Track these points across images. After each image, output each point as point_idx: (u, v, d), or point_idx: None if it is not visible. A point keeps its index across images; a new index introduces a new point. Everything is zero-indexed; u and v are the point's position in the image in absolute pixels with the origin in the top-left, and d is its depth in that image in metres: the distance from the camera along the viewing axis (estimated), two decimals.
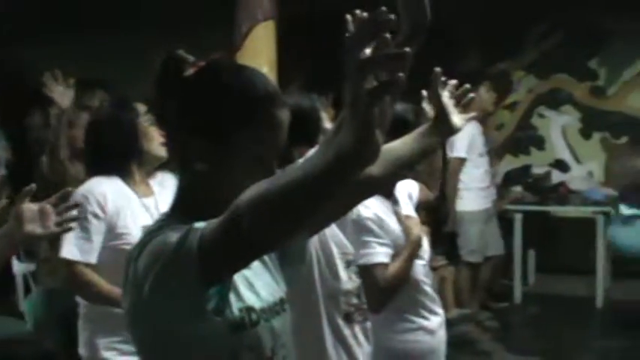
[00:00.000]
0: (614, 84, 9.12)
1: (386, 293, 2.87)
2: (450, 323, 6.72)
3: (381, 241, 2.94)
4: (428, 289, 3.12)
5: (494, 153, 8.62)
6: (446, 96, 2.24)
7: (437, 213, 7.22)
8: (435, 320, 3.14)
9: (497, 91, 8.69)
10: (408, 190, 3.32)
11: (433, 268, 6.56)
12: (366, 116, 1.33)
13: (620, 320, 7.53)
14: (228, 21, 6.35)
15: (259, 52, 6.17)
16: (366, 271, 2.72)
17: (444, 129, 2.21)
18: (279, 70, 6.24)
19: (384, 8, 1.32)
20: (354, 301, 2.58)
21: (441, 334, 3.17)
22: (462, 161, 7.14)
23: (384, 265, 2.91)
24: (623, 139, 9.08)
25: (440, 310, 3.21)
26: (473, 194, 7.21)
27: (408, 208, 3.19)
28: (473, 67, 8.81)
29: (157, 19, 8.39)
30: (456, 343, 6.80)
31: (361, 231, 2.89)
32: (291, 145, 2.13)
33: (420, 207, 3.46)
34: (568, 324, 7.40)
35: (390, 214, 3.03)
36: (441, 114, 2.21)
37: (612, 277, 8.38)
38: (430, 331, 3.09)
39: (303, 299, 2.44)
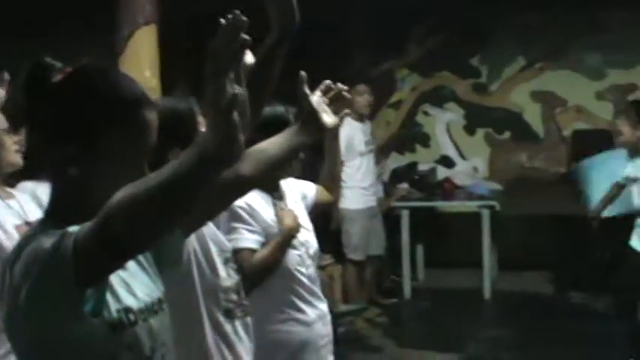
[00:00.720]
0: (496, 81, 9.37)
1: (251, 279, 2.87)
2: (339, 320, 6.88)
3: (250, 228, 3.00)
4: (305, 280, 3.13)
5: (380, 151, 8.81)
6: (316, 96, 2.31)
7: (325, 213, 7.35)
8: (312, 313, 3.15)
9: (382, 89, 8.89)
10: (302, 190, 3.38)
11: (321, 267, 6.68)
12: (225, 118, 1.42)
13: (508, 310, 7.78)
14: (109, 25, 6.32)
15: (141, 56, 6.14)
16: (233, 256, 2.75)
17: (313, 128, 2.27)
18: (162, 74, 6.23)
19: (237, 11, 1.41)
20: (234, 297, 2.60)
21: (319, 328, 3.19)
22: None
23: (251, 251, 2.96)
24: (506, 135, 9.35)
25: (320, 304, 3.22)
26: (355, 193, 7.31)
27: (296, 206, 3.24)
28: (357, 67, 8.95)
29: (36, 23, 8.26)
30: (347, 339, 6.96)
31: (232, 218, 2.96)
32: (166, 147, 2.18)
33: (318, 209, 3.51)
34: (457, 316, 7.56)
35: (265, 206, 3.09)
36: (310, 114, 2.27)
37: (499, 268, 8.63)
38: (305, 323, 3.11)
39: (184, 297, 2.45)
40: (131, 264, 1.78)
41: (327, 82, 2.37)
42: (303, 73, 2.30)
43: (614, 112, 8.86)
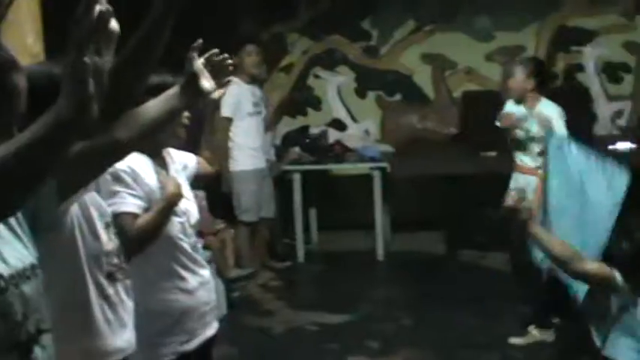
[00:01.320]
0: (386, 44, 9.44)
1: (133, 243, 2.87)
2: (232, 285, 6.91)
3: (132, 192, 2.98)
4: (187, 248, 3.14)
5: (272, 115, 8.82)
6: (199, 62, 2.38)
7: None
8: (194, 280, 3.17)
9: (272, 53, 8.88)
10: (183, 161, 3.39)
11: (213, 233, 6.69)
12: (79, 86, 1.45)
13: (401, 270, 7.92)
14: None
15: (23, 22, 5.99)
16: (115, 220, 2.75)
17: (191, 91, 2.34)
18: (46, 40, 6.11)
19: None
20: (115, 260, 2.63)
21: (201, 295, 3.21)
22: (228, 121, 7.27)
23: (133, 215, 2.94)
24: (397, 97, 9.45)
25: (202, 271, 3.24)
26: (244, 154, 7.33)
27: (177, 176, 3.23)
28: (247, 31, 8.90)
29: None
30: (240, 303, 6.99)
31: (114, 181, 2.94)
32: (41, 112, 2.14)
33: (199, 180, 3.53)
34: (351, 278, 7.67)
35: (149, 171, 3.08)
36: (191, 77, 2.34)
37: (392, 230, 8.76)
38: (187, 291, 3.13)
39: (69, 262, 2.49)
40: (2, 230, 1.77)
41: (215, 50, 2.47)
42: (199, 41, 2.40)
43: (502, 73, 9.12)
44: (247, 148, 7.37)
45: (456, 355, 5.74)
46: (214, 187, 7.32)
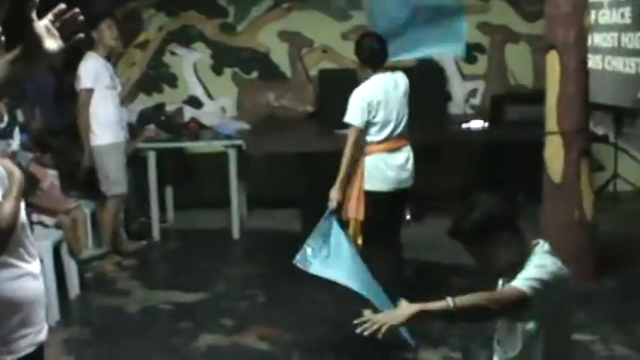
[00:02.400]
0: (243, 21, 9.50)
1: (6, 233, 2.74)
2: (85, 265, 6.92)
3: None
4: (29, 232, 3.02)
5: (127, 92, 8.83)
6: (44, 21, 2.31)
7: (64, 156, 7.31)
8: (36, 264, 3.02)
9: (128, 29, 8.84)
10: None
11: (65, 212, 6.67)
12: None
13: (256, 248, 8.04)
14: None
15: None
16: None
17: (33, 54, 2.30)
18: None
19: None
20: None
21: (42, 281, 3.06)
22: (89, 92, 7.27)
23: None
24: (254, 75, 9.55)
25: (35, 257, 3.06)
26: (105, 128, 7.35)
27: None
28: (102, 6, 8.82)
29: None
30: (93, 283, 7.01)
31: None
32: None
33: None
34: (206, 256, 7.78)
35: None
36: (33, 39, 2.28)
37: (248, 208, 8.88)
38: (35, 276, 2.99)
39: None
40: None
41: (61, 6, 2.38)
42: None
43: None
44: (108, 122, 7.39)
45: (310, 332, 5.91)
46: (66, 166, 7.31)
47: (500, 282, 3.20)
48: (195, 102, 9.50)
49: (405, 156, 5.91)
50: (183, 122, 8.98)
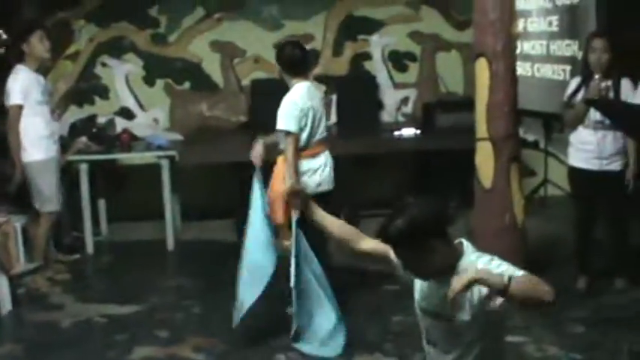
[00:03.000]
0: (175, 31, 9.51)
1: None
2: (17, 281, 6.85)
3: None
4: None
5: (57, 105, 8.77)
6: None
7: None
8: None
9: (58, 40, 8.78)
10: None
11: None
12: None
13: (191, 260, 8.04)
14: None
15: None
16: None
17: None
18: None
19: None
20: None
21: None
22: (19, 108, 7.21)
23: None
24: (186, 85, 9.55)
25: None
26: (38, 144, 7.30)
27: None
28: (31, 16, 8.75)
29: None
30: (26, 299, 6.94)
31: None
32: None
33: None
34: (141, 269, 7.75)
35: None
36: None
37: (182, 219, 8.88)
38: None
39: None
40: None
41: None
42: None
43: None
44: (39, 138, 7.33)
45: (246, 341, 5.92)
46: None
47: (418, 285, 3.24)
48: (127, 113, 9.46)
49: (323, 159, 6.10)
50: (116, 134, 8.92)
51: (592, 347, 5.59)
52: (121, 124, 9.29)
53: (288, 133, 5.89)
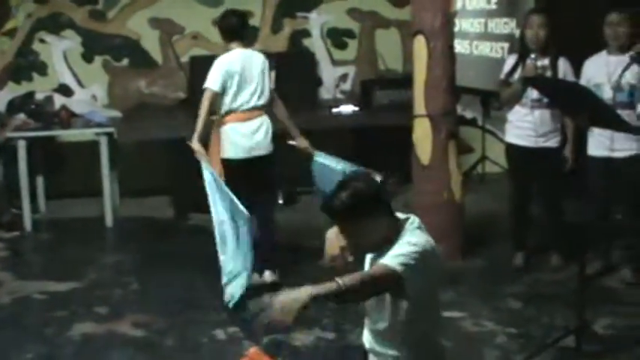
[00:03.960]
0: (113, 8, 9.37)
1: None
2: None
3: None
4: None
5: None
6: None
7: None
8: None
9: None
10: None
11: None
12: None
13: (129, 236, 7.98)
14: None
15: None
16: None
17: None
18: None
19: None
20: None
21: None
22: None
23: None
24: (125, 62, 9.43)
25: None
26: None
27: None
28: None
29: None
30: None
31: None
32: None
33: None
34: (79, 245, 7.66)
35: None
36: None
37: (120, 196, 8.80)
38: None
39: None
40: None
41: None
42: None
43: None
44: None
45: (183, 316, 5.91)
46: None
47: (368, 259, 3.26)
48: (65, 90, 9.31)
49: (257, 124, 6.30)
50: (54, 111, 8.78)
51: (528, 322, 5.65)
52: (59, 100, 9.13)
53: (205, 89, 6.23)
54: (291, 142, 6.36)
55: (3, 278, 6.89)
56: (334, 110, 8.71)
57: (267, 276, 6.33)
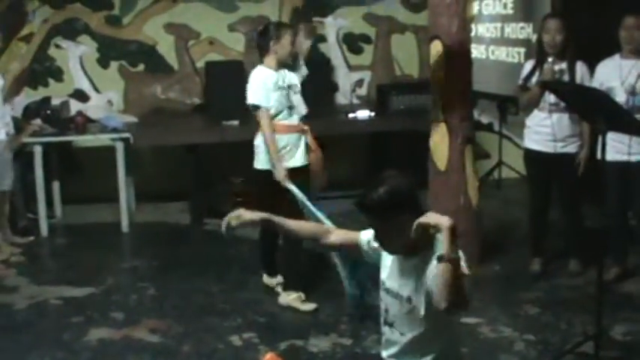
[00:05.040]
0: (129, 13, 9.40)
1: None
2: None
3: None
4: None
5: (11, 86, 8.64)
6: None
7: None
8: None
9: (11, 22, 8.67)
10: None
11: None
12: None
13: (145, 241, 7.98)
14: None
15: None
16: None
17: None
18: None
19: None
20: None
21: None
22: None
23: None
24: (140, 67, 9.45)
25: None
26: None
27: None
28: None
29: None
30: None
31: None
32: None
33: None
34: (96, 251, 7.66)
35: None
36: None
37: (136, 201, 8.82)
38: None
39: None
40: None
41: None
42: None
43: (245, 43, 9.34)
44: None
45: (199, 322, 5.89)
46: None
47: (391, 260, 3.22)
48: (81, 95, 9.35)
49: None
50: (70, 116, 8.80)
51: (546, 329, 5.62)
52: (75, 106, 9.16)
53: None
54: None
55: (19, 283, 6.90)
56: (350, 115, 8.70)
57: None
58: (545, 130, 6.31)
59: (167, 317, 6.01)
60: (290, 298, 6.10)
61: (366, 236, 3.34)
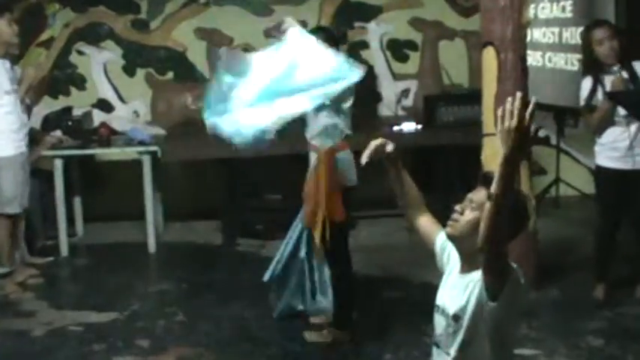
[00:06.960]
0: (157, 17, 9.46)
1: None
2: None
3: None
4: None
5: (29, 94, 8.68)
6: None
7: None
8: None
9: (29, 25, 8.73)
10: None
11: None
12: None
13: (174, 263, 8.01)
14: None
15: None
16: None
17: None
18: None
19: None
20: None
21: None
22: None
23: None
24: (169, 75, 9.51)
25: None
26: (5, 138, 7.17)
27: None
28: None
29: None
30: None
31: None
32: None
33: None
34: (120, 273, 7.69)
35: None
36: None
37: (164, 219, 8.85)
38: None
39: None
40: None
41: None
42: None
43: None
44: (7, 131, 7.21)
45: (234, 350, 5.90)
46: None
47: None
48: (105, 105, 9.42)
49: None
50: (93, 127, 8.86)
51: None
52: (98, 116, 9.23)
53: None
54: None
55: (37, 308, 6.93)
56: (395, 128, 8.67)
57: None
58: (623, 144, 6.20)
59: (197, 345, 6.01)
60: (316, 334, 6.05)
61: (442, 238, 3.39)
